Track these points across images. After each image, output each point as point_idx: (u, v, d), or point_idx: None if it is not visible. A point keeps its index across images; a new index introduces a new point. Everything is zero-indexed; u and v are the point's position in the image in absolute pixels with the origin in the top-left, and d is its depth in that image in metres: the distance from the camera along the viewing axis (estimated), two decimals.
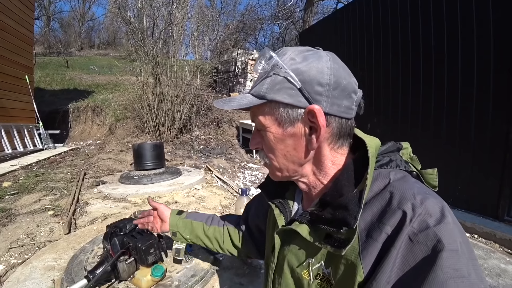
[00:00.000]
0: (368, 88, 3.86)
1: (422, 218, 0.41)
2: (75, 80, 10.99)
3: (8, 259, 1.57)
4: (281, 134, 0.54)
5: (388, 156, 0.56)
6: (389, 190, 0.47)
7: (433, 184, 0.56)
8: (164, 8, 6.55)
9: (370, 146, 0.52)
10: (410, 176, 0.52)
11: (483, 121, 2.61)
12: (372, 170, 0.49)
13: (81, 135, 7.56)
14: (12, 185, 2.96)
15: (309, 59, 0.51)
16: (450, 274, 0.36)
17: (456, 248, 0.38)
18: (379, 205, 0.47)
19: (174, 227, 1.04)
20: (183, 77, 6.32)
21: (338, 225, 0.47)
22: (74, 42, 20.15)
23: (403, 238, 0.41)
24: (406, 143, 0.60)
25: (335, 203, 0.50)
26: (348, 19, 4.31)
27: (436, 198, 0.45)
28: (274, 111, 0.53)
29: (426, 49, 3.07)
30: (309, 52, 0.53)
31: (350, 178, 0.51)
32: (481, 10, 2.55)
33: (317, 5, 12.37)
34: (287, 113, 0.52)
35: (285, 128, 0.53)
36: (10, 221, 2.03)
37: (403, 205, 0.43)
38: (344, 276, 0.47)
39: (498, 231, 2.35)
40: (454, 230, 0.40)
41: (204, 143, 5.92)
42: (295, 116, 0.52)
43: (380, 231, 0.44)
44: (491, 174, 2.57)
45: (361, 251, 0.45)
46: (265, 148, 0.58)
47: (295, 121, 0.52)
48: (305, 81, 0.49)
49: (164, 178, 2.99)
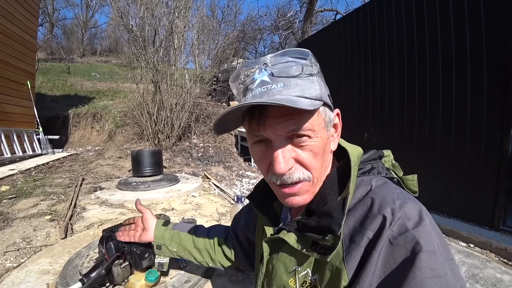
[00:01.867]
0: (365, 98, 3.92)
1: (401, 221, 0.43)
2: (76, 86, 11.07)
3: (3, 263, 1.57)
4: (326, 137, 0.52)
5: (370, 164, 0.58)
6: (370, 196, 0.49)
7: (414, 190, 0.58)
8: (165, 17, 6.66)
9: (353, 155, 0.54)
10: (391, 182, 0.54)
11: (478, 131, 2.64)
12: (354, 178, 0.51)
13: (81, 141, 7.58)
14: (10, 189, 2.96)
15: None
16: (428, 274, 0.38)
17: (433, 250, 0.40)
18: (361, 211, 0.49)
19: (160, 240, 0.95)
20: (183, 85, 6.39)
21: (323, 232, 0.48)
22: (76, 48, 20.37)
23: (384, 241, 0.43)
24: (387, 151, 0.62)
25: (320, 211, 0.51)
26: (346, 30, 4.40)
27: (415, 202, 0.47)
28: (323, 113, 0.51)
29: (421, 59, 3.14)
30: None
31: (334, 186, 0.53)
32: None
33: (316, 16, 12.61)
34: (330, 115, 0.53)
35: (328, 130, 0.53)
36: (6, 225, 2.04)
37: (383, 210, 0.45)
38: (330, 282, 0.48)
39: (493, 240, 2.36)
40: (431, 232, 0.42)
41: (203, 151, 5.94)
42: (331, 118, 0.55)
43: (362, 236, 0.46)
44: (486, 183, 2.60)
45: (345, 256, 0.46)
46: (304, 160, 0.50)
47: (331, 123, 0.55)
48: (326, 87, 0.55)
49: (161, 185, 3.00)
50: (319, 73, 0.52)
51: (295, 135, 0.48)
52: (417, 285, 0.38)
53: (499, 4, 2.44)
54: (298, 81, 0.48)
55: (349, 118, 4.10)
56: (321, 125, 0.50)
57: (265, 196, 0.70)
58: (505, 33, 2.42)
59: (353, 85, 4.17)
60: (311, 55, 0.50)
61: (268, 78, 0.49)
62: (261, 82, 0.49)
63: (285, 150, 0.49)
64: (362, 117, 3.96)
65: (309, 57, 0.50)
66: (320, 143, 0.50)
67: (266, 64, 0.50)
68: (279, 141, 0.49)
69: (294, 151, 0.50)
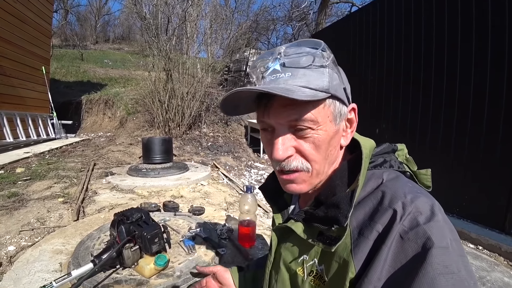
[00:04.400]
0: (378, 94, 3.85)
1: (412, 216, 0.42)
2: (89, 73, 11.23)
3: (18, 241, 1.64)
4: (333, 131, 0.52)
5: (383, 157, 0.57)
6: (381, 190, 0.48)
7: (427, 184, 0.57)
8: (179, 5, 6.63)
9: (365, 147, 0.54)
10: (403, 176, 0.53)
11: (493, 133, 2.57)
12: (365, 170, 0.51)
13: (93, 127, 7.72)
14: (25, 171, 3.06)
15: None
16: (440, 271, 0.37)
17: (446, 245, 0.39)
18: (371, 204, 0.48)
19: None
20: (195, 74, 6.39)
21: (329, 223, 0.48)
22: (90, 35, 20.55)
23: (394, 235, 0.42)
24: (401, 144, 0.61)
25: (328, 202, 0.51)
26: (362, 23, 4.29)
27: (427, 197, 0.46)
28: (331, 106, 0.51)
29: (438, 59, 3.05)
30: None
31: (344, 178, 0.53)
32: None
33: (331, 7, 12.32)
34: (341, 109, 0.52)
35: (337, 124, 0.52)
36: (22, 205, 2.11)
37: (394, 204, 0.45)
38: (336, 273, 0.48)
39: (503, 244, 2.31)
40: (444, 227, 0.41)
41: (212, 141, 5.97)
42: (344, 113, 0.54)
43: (372, 229, 0.45)
44: (499, 186, 2.53)
45: (353, 248, 0.46)
46: (305, 151, 0.51)
47: (343, 117, 0.54)
48: (344, 81, 0.54)
49: (171, 172, 3.04)
50: (332, 65, 0.51)
51: (298, 125, 0.49)
52: (429, 282, 0.37)
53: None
54: (307, 72, 0.48)
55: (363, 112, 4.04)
56: (327, 118, 0.50)
57: (276, 187, 0.70)
58: None
59: (366, 77, 4.09)
60: (324, 46, 0.50)
61: (279, 67, 0.50)
62: (272, 71, 0.50)
63: (285, 138, 0.51)
64: (375, 112, 3.89)
65: (320, 48, 0.50)
66: (324, 136, 0.50)
67: (280, 54, 0.51)
68: (282, 129, 0.51)
69: (295, 141, 0.51)
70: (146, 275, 1.06)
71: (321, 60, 0.49)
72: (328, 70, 0.49)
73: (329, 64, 0.50)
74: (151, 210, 1.88)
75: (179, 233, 1.49)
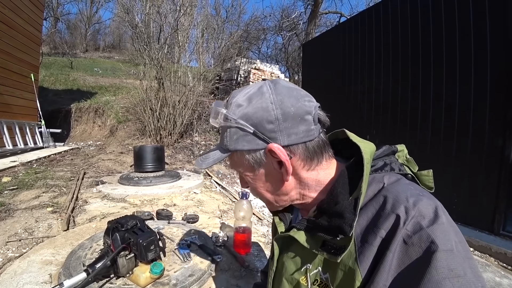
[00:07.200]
0: (368, 100, 3.93)
1: (415, 220, 0.42)
2: (79, 81, 11.08)
3: (5, 253, 1.58)
4: (255, 176, 0.58)
5: (383, 160, 0.56)
6: (383, 194, 0.48)
7: (429, 186, 0.56)
8: (171, 14, 6.67)
9: (365, 152, 0.52)
10: (405, 179, 0.52)
11: (479, 136, 2.65)
12: (367, 177, 0.49)
13: (82, 136, 7.58)
14: (12, 181, 2.97)
15: (253, 100, 0.52)
16: (445, 274, 0.37)
17: (450, 248, 0.39)
18: (374, 209, 0.47)
19: None
20: (187, 83, 6.38)
21: (334, 232, 0.47)
22: (80, 43, 20.35)
23: (398, 241, 0.42)
24: (401, 145, 0.61)
25: (331, 210, 0.50)
26: (350, 33, 4.40)
27: (430, 199, 0.46)
28: (241, 159, 0.56)
29: (425, 60, 3.15)
30: (252, 91, 0.53)
31: (345, 185, 0.52)
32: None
33: (321, 18, 12.61)
34: (252, 157, 0.54)
35: (256, 170, 0.56)
36: (8, 215, 2.04)
37: (396, 208, 0.44)
38: (343, 282, 0.47)
39: (493, 245, 2.36)
40: (448, 230, 0.41)
41: (204, 149, 5.94)
42: (260, 158, 0.54)
43: (375, 235, 0.45)
44: (487, 188, 2.60)
45: (357, 256, 0.45)
46: (250, 187, 0.62)
47: (261, 162, 0.54)
48: (256, 124, 0.51)
49: (163, 180, 3.00)
50: (235, 120, 0.52)
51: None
52: (434, 286, 0.37)
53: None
54: (224, 134, 0.56)
55: (352, 120, 4.12)
56: (245, 168, 0.57)
57: None
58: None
59: (356, 86, 4.18)
60: (229, 101, 0.55)
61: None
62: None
63: (240, 176, 0.63)
64: (365, 120, 3.97)
65: (223, 106, 0.54)
66: (254, 182, 0.59)
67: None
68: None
69: (244, 179, 0.62)
70: (141, 284, 1.03)
71: (225, 120, 0.53)
72: (228, 130, 0.54)
73: (228, 123, 0.53)
74: (144, 218, 1.84)
75: (174, 241, 1.46)
